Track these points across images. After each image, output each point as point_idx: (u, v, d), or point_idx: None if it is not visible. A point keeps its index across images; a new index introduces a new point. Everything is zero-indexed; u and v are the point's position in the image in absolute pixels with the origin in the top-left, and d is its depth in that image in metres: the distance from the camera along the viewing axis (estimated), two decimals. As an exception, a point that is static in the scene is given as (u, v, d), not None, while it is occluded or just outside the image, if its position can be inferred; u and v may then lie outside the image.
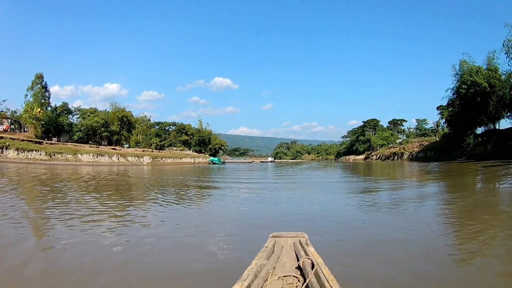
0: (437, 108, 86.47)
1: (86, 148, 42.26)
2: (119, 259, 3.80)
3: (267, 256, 2.42)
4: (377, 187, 13.37)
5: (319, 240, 4.20)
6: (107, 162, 40.98)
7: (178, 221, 6.16)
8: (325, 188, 12.91)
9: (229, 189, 12.52)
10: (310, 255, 2.29)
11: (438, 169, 24.88)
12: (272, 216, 6.52)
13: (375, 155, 78.00)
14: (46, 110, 58.03)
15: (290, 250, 2.65)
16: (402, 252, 4.00)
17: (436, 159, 43.49)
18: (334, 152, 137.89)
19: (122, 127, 62.18)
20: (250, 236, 4.93)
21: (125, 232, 5.10)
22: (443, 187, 12.95)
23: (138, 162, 44.98)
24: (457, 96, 40.72)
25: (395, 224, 5.68)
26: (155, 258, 3.85)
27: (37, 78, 51.99)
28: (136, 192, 11.68)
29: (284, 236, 2.93)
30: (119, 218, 6.13)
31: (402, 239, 4.62)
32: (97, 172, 22.77)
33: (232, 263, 3.62)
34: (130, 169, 29.58)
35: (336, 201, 9.02)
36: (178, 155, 58.39)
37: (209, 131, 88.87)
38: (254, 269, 2.11)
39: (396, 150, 65.72)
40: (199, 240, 4.68)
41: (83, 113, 64.91)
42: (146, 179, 18.18)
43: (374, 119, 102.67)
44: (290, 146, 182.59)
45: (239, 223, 6.02)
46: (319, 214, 6.70)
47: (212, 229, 5.32)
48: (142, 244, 4.37)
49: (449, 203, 8.19)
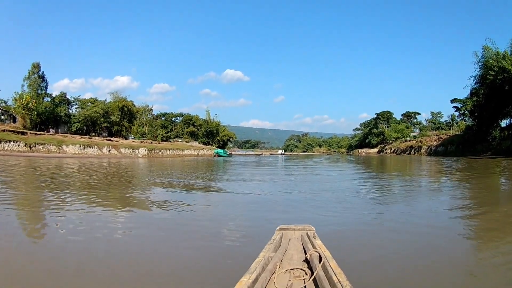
0: (452, 101, 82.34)
1: (72, 139, 39.93)
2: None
3: (274, 248, 2.41)
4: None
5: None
6: (96, 154, 38.57)
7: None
8: (355, 204, 9.48)
9: (212, 194, 10.08)
10: (318, 248, 2.28)
11: (467, 165, 21.93)
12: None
13: (389, 148, 73.75)
14: (44, 100, 57.28)
15: (297, 242, 2.62)
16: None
17: (458, 153, 39.98)
18: (345, 145, 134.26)
19: (123, 118, 59.91)
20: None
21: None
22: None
23: (132, 154, 42.27)
24: (481, 85, 37.43)
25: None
26: None
27: (33, 67, 50.22)
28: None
29: (291, 228, 2.92)
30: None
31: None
32: (69, 165, 20.70)
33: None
34: (115, 162, 27.01)
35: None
36: (180, 147, 55.82)
37: (217, 122, 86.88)
38: (262, 261, 2.09)
39: (413, 144, 61.25)
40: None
41: (82, 103, 64.01)
42: (104, 174, 15.71)
43: (387, 111, 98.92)
44: (301, 139, 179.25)
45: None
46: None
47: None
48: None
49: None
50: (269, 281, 1.93)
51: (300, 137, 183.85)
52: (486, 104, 36.32)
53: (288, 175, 17.48)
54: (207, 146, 74.09)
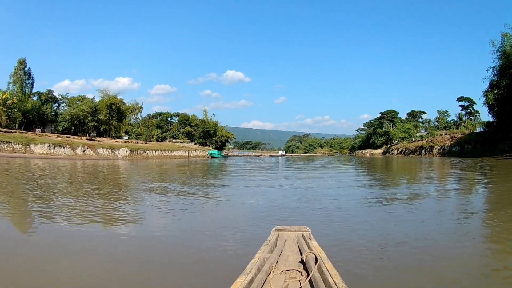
0: (458, 99, 78.27)
1: (48, 138, 35.90)
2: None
3: (270, 249, 2.37)
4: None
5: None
6: (67, 155, 34.20)
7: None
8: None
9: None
10: (313, 249, 2.23)
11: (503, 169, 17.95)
12: None
13: (396, 149, 69.21)
14: (33, 99, 54.59)
15: (293, 244, 2.56)
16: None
17: (476, 154, 35.88)
18: (348, 146, 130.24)
19: (111, 116, 55.95)
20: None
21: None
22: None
23: (111, 155, 37.93)
24: (502, 76, 33.68)
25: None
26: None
27: (19, 63, 47.81)
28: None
29: (287, 229, 2.81)
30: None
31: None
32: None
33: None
34: (74, 166, 22.98)
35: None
36: (169, 147, 51.65)
37: (215, 122, 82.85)
38: (258, 262, 2.05)
39: (423, 143, 56.56)
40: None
41: (70, 101, 60.88)
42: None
43: (392, 111, 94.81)
44: (302, 140, 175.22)
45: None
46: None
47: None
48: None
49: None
50: (265, 282, 1.88)
51: (302, 138, 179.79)
52: (509, 96, 32.30)
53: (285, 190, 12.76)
54: (203, 147, 70.34)
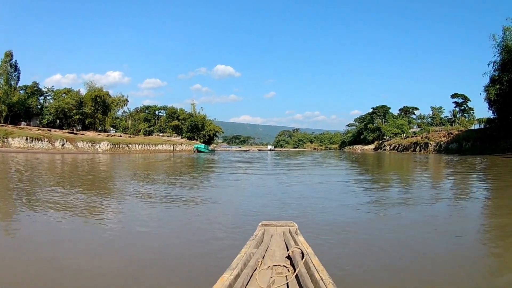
0: (452, 96, 77.81)
1: (22, 131, 33.52)
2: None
3: (256, 244, 2.32)
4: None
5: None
6: (45, 148, 32.14)
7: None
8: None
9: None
10: (300, 245, 2.20)
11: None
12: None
13: (389, 145, 68.07)
14: (21, 93, 52.82)
15: (280, 239, 2.53)
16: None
17: (476, 151, 34.82)
18: (338, 141, 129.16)
19: (96, 109, 54.05)
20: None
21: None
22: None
23: (91, 149, 35.85)
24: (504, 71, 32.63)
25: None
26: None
27: (6, 56, 46.89)
28: None
29: (273, 224, 2.78)
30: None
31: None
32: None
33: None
34: (47, 160, 20.81)
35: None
36: (154, 141, 49.59)
37: (203, 116, 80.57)
38: (244, 258, 2.02)
39: (418, 140, 55.11)
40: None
41: (56, 94, 58.76)
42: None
43: (384, 106, 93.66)
44: (292, 134, 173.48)
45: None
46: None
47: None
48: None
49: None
50: (251, 277, 1.87)
51: (291, 133, 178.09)
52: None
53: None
54: (191, 141, 67.91)
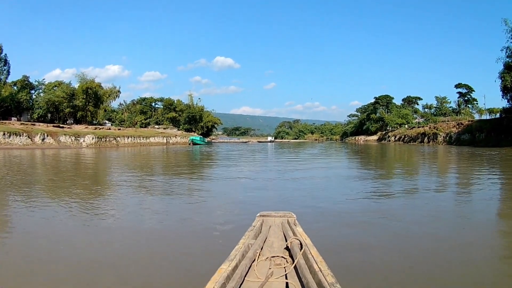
0: (456, 86, 75.18)
1: (11, 126, 31.54)
2: None
3: (254, 235, 2.32)
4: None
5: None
6: (23, 144, 29.98)
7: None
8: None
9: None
10: (299, 236, 2.20)
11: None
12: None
13: (393, 135, 65.48)
14: (13, 88, 51.11)
15: (278, 230, 2.53)
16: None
17: (491, 143, 32.66)
18: (339, 132, 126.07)
19: (88, 102, 51.77)
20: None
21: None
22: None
23: (74, 143, 33.70)
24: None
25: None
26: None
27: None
28: None
29: (272, 215, 2.78)
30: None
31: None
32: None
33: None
34: (22, 157, 18.54)
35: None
36: (145, 134, 47.39)
37: (201, 107, 78.20)
38: (242, 249, 2.02)
39: (426, 130, 52.07)
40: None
41: (47, 87, 56.24)
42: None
43: (387, 96, 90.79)
44: (292, 125, 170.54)
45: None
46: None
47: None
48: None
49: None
50: (250, 268, 1.85)
51: (292, 124, 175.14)
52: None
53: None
54: (188, 133, 65.62)
